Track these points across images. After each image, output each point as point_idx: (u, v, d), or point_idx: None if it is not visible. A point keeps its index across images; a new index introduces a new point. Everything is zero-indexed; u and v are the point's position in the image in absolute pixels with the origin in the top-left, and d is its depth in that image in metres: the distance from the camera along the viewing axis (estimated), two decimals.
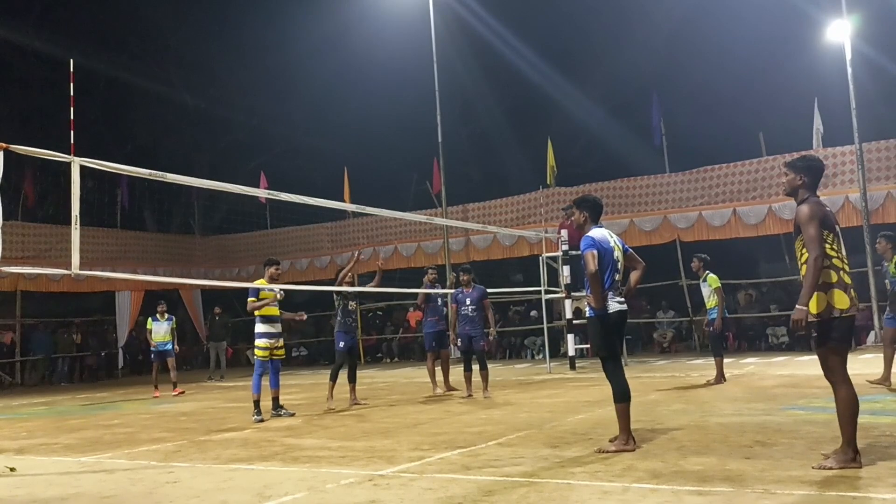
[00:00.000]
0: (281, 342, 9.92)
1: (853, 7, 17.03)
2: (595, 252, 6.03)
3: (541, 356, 19.08)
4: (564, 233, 15.64)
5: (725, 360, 12.09)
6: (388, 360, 23.18)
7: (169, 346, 15.18)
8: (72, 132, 7.35)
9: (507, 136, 29.64)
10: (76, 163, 7.04)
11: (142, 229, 26.18)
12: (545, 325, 16.16)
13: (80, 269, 7.36)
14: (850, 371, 5.05)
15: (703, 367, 14.20)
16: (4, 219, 6.69)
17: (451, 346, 12.13)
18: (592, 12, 26.94)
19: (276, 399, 9.82)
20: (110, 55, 26.92)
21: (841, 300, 4.96)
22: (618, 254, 6.21)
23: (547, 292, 15.67)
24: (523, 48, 27.18)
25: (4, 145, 6.31)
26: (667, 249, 19.19)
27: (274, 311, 9.84)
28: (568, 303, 15.34)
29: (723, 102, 24.85)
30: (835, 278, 4.98)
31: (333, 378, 10.61)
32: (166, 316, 15.23)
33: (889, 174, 17.10)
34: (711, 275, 11.66)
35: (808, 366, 13.30)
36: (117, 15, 28.24)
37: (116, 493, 5.45)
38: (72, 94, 7.68)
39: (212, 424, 9.48)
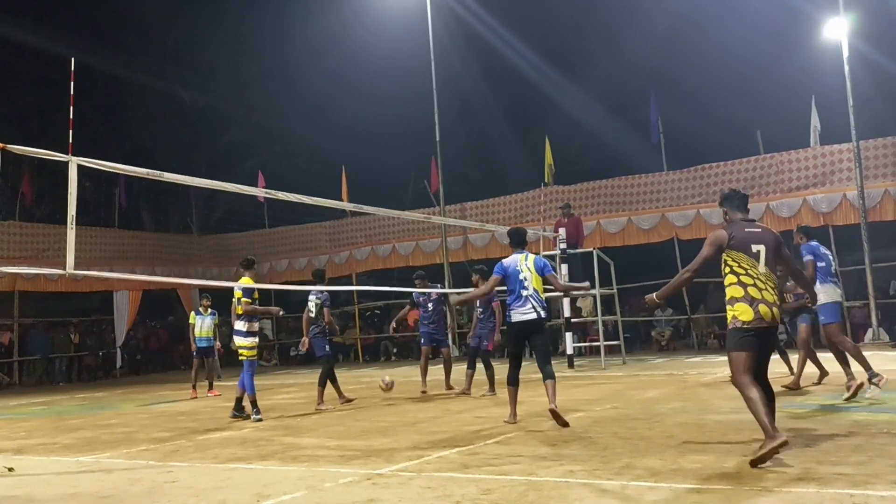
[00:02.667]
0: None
1: (850, 5, 17.05)
2: (498, 277, 7.78)
3: None
4: (562, 231, 15.64)
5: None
6: (385, 359, 23.16)
7: (210, 343, 14.38)
8: (70, 131, 7.34)
9: (505, 135, 29.65)
10: (74, 162, 7.03)
11: (140, 229, 26.15)
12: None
13: (76, 269, 7.35)
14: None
15: (701, 366, 14.20)
16: (2, 218, 6.69)
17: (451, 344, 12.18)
18: (590, 10, 26.97)
19: (239, 399, 9.73)
20: (108, 54, 26.86)
21: (745, 313, 5.41)
22: (525, 274, 7.67)
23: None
24: (521, 46, 27.18)
25: (2, 145, 6.31)
26: (664, 247, 19.21)
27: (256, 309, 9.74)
28: (566, 301, 15.33)
29: (720, 100, 24.87)
30: (741, 293, 5.45)
31: (323, 383, 10.47)
32: (209, 311, 14.37)
33: (886, 172, 17.11)
34: None
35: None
36: (115, 13, 28.21)
37: (115, 493, 5.44)
38: (72, 93, 7.67)
39: (210, 424, 9.46)
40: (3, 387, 20.51)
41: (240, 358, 9.61)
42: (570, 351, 15.45)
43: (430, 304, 11.76)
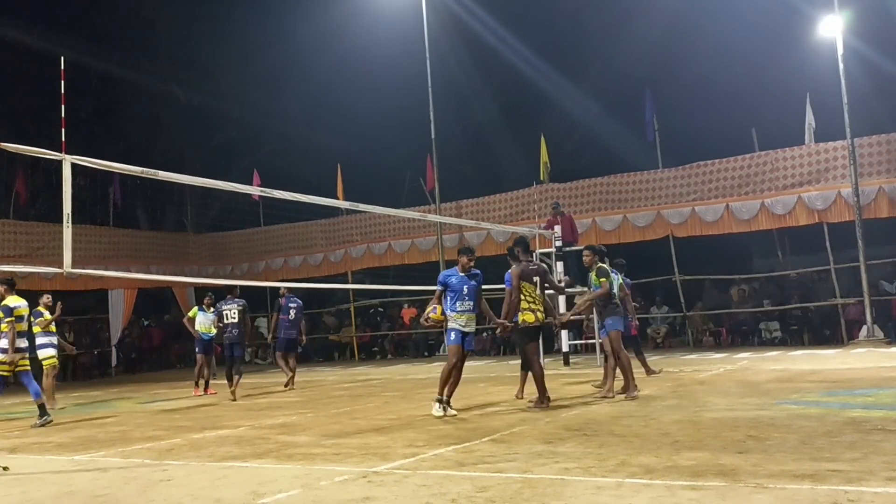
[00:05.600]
0: None
1: (845, 3, 17.06)
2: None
3: None
4: (558, 229, 15.66)
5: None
6: (381, 357, 23.19)
7: (214, 338, 14.41)
8: (62, 130, 7.34)
9: (500, 133, 29.62)
10: (67, 161, 7.02)
11: (135, 227, 26.08)
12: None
13: (73, 268, 7.34)
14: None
15: (697, 363, 14.23)
16: None
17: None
18: (586, 8, 26.98)
19: (42, 406, 9.97)
20: (103, 52, 26.80)
21: (529, 317, 8.72)
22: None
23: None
24: (517, 44, 27.16)
25: None
26: (660, 245, 19.23)
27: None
28: (562, 299, 15.33)
29: (716, 98, 24.90)
30: (527, 306, 8.72)
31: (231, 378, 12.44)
32: (212, 309, 14.30)
33: (881, 169, 17.15)
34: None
35: (801, 360, 13.35)
36: (110, 12, 28.13)
37: (110, 492, 5.43)
38: (62, 91, 7.66)
39: (206, 422, 9.46)
40: None
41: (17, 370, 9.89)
42: (565, 349, 15.47)
43: (292, 312, 13.62)
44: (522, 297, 8.69)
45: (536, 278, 8.93)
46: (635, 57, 26.47)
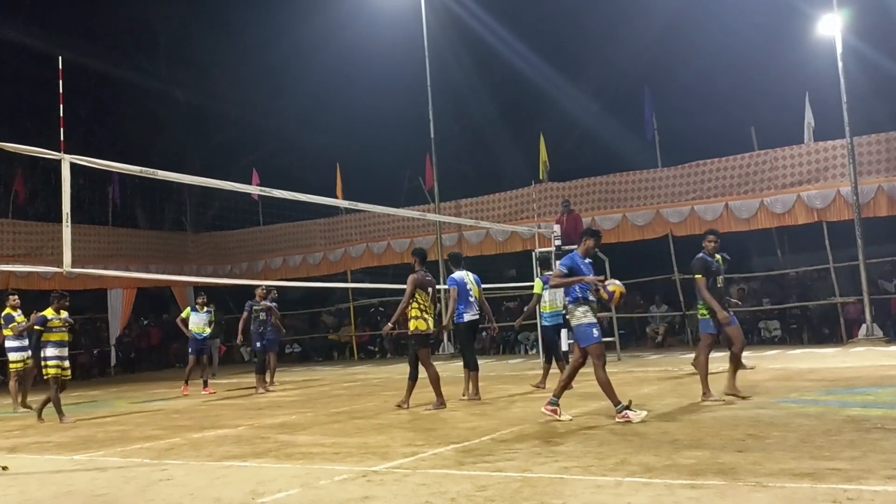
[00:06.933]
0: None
1: (844, 1, 17.05)
2: (456, 288, 9.97)
3: (534, 351, 19.12)
4: (557, 228, 15.64)
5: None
6: (380, 357, 23.18)
7: (207, 338, 14.50)
8: (61, 129, 7.33)
9: (499, 132, 29.62)
10: (66, 160, 7.02)
11: (134, 227, 26.07)
12: (538, 321, 16.15)
13: (72, 267, 7.34)
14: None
15: None
16: None
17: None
18: (585, 7, 26.95)
19: None
20: (102, 52, 26.78)
21: (423, 325, 9.18)
22: (471, 286, 10.01)
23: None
24: (516, 43, 27.15)
25: None
26: (659, 244, 19.23)
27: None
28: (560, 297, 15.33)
29: (715, 97, 24.88)
30: (418, 314, 9.17)
31: (262, 371, 13.60)
32: (205, 308, 14.39)
33: (880, 168, 17.15)
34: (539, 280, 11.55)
35: (801, 359, 13.36)
36: (109, 12, 28.11)
37: (109, 492, 5.43)
38: (61, 91, 7.65)
39: (205, 422, 9.46)
40: None
41: None
42: (565, 347, 15.41)
43: (262, 314, 13.97)
44: (416, 304, 9.15)
45: (430, 287, 9.37)
46: (634, 56, 26.47)
